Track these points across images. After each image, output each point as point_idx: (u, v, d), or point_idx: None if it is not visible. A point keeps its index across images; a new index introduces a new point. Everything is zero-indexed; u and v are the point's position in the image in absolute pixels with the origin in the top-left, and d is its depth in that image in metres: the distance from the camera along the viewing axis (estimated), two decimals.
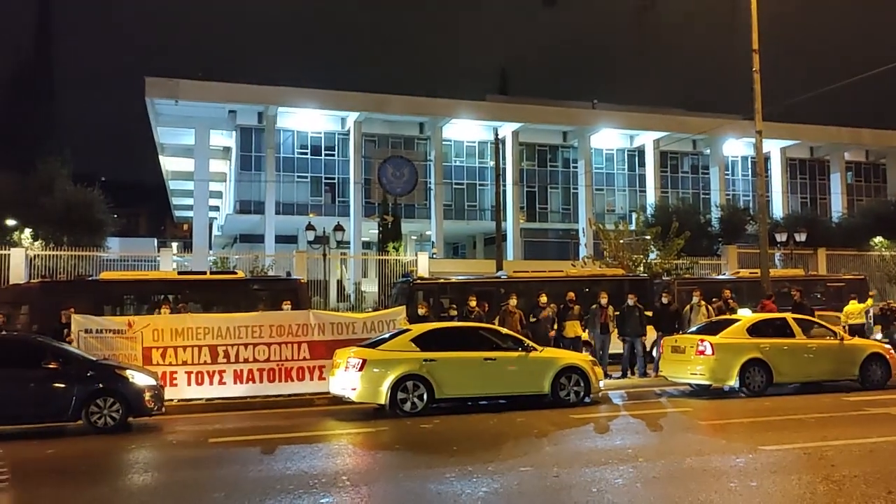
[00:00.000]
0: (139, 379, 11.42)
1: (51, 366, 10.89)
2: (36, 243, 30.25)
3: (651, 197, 51.68)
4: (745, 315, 15.90)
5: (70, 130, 53.94)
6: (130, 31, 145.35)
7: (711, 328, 14.60)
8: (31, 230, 32.26)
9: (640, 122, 52.23)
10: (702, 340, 13.80)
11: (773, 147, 53.52)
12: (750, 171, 55.42)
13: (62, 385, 10.86)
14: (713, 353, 13.56)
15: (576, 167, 53.68)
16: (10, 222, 33.46)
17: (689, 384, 14.56)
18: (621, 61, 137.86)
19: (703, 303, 16.85)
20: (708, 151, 55.47)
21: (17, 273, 22.41)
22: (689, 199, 51.57)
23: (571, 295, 16.55)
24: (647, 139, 53.91)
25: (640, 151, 55.04)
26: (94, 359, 11.87)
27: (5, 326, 14.44)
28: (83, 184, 38.28)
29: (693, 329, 15.36)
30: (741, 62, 21.82)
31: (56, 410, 10.88)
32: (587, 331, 16.62)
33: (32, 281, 20.24)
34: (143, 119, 46.80)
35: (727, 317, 15.83)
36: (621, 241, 28.27)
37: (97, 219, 36.32)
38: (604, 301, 16.59)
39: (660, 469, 7.94)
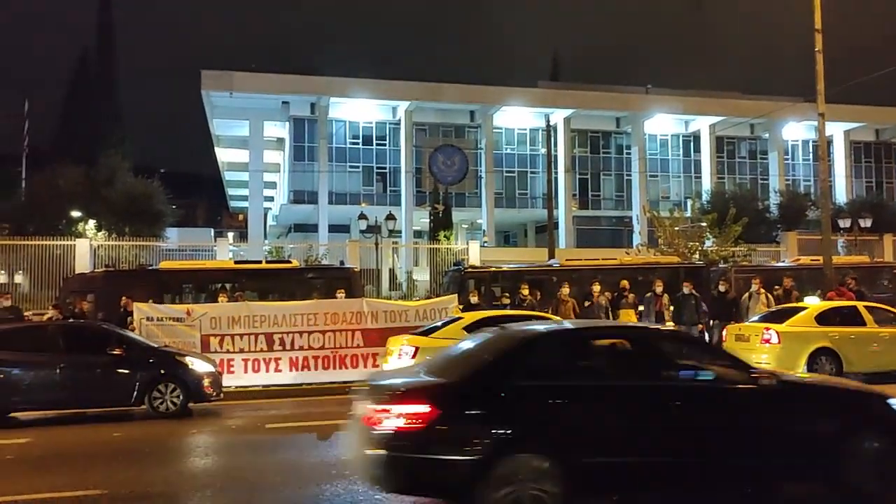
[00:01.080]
0: (198, 366, 11.71)
1: (115, 352, 11.25)
2: (99, 234, 31.24)
3: (707, 183, 50.64)
4: (813, 303, 15.45)
5: (130, 123, 55.43)
6: (186, 24, 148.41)
7: (777, 316, 14.20)
8: (94, 221, 33.34)
9: (695, 107, 51.08)
10: (767, 329, 13.46)
11: (836, 130, 51.82)
12: (811, 154, 53.81)
13: (126, 371, 11.21)
14: (779, 342, 13.19)
15: (629, 153, 52.89)
16: (76, 214, 34.63)
17: None
18: (675, 45, 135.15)
19: (762, 291, 16.45)
20: (766, 135, 54.01)
21: (83, 263, 23.15)
22: (746, 185, 50.27)
23: (625, 283, 16.35)
24: (702, 124, 52.77)
25: (696, 137, 53.92)
26: (156, 346, 12.22)
27: (76, 314, 14.92)
28: (143, 176, 39.37)
29: (757, 317, 14.97)
30: (802, 43, 21.16)
31: (121, 395, 11.24)
32: (643, 320, 16.39)
33: (97, 270, 20.86)
34: (199, 111, 47.83)
35: (794, 304, 15.40)
36: (676, 229, 27.77)
37: (157, 210, 37.32)
38: (659, 289, 16.33)
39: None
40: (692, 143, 54.25)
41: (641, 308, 16.40)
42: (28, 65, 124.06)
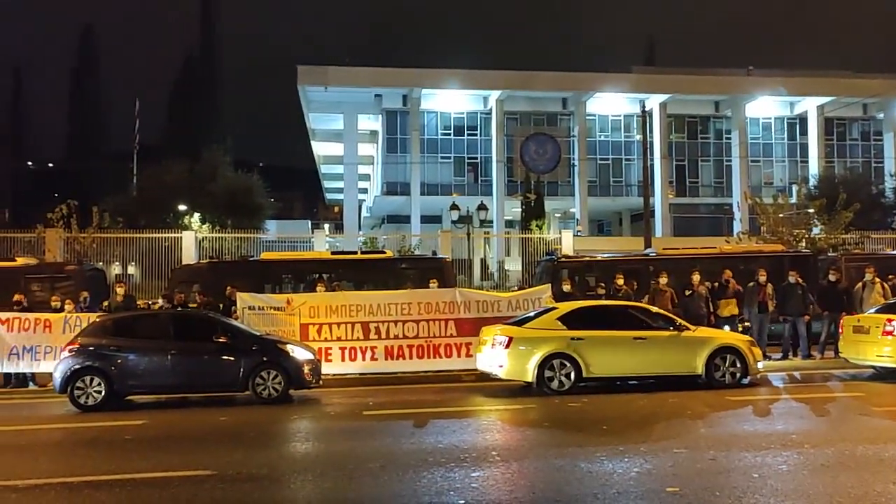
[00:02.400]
0: (298, 353, 12.06)
1: (221, 340, 11.73)
2: (204, 226, 32.62)
3: (814, 167, 48.27)
4: None
5: (231, 119, 57.62)
6: (283, 21, 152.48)
7: None
8: (199, 214, 34.85)
9: (801, 88, 48.68)
10: (889, 320, 12.71)
11: None
12: None
13: (231, 358, 11.66)
14: None
15: (729, 138, 51.01)
16: (182, 207, 36.32)
17: (874, 367, 13.39)
18: (779, 24, 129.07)
19: (877, 280, 15.53)
20: (881, 115, 50.93)
21: (188, 254, 24.25)
22: (857, 169, 47.72)
23: (728, 273, 15.76)
24: (809, 105, 50.28)
25: (802, 119, 51.44)
26: (258, 334, 12.64)
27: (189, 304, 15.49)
28: (243, 170, 40.92)
29: (876, 308, 14.14)
30: None
31: (226, 381, 11.72)
32: (745, 310, 15.78)
33: (202, 261, 21.78)
34: (296, 106, 49.16)
35: None
36: (780, 216, 26.64)
37: (256, 203, 38.76)
38: (762, 278, 15.66)
39: (829, 457, 7.43)
40: (797, 126, 51.80)
41: (745, 296, 15.76)
42: (137, 66, 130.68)
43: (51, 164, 64.98)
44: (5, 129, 52.44)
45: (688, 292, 15.31)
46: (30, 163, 58.98)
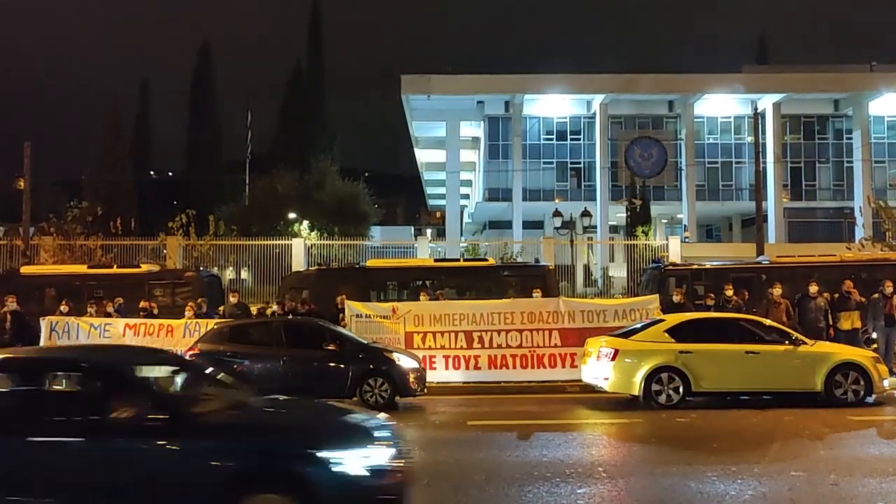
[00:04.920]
0: (404, 361, 12.28)
1: (330, 347, 12.11)
2: (312, 234, 33.72)
3: None
4: None
5: (337, 128, 59.28)
6: (387, 31, 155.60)
7: None
8: (307, 222, 36.07)
9: None
10: None
11: None
12: None
13: (340, 365, 12.02)
14: None
15: (850, 138, 48.23)
16: (291, 215, 37.67)
17: None
18: None
19: None
20: None
21: (298, 261, 25.10)
22: None
23: (849, 283, 14.94)
24: None
25: None
26: (366, 342, 12.95)
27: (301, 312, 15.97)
28: (349, 178, 41.98)
29: None
30: None
31: (335, 388, 12.03)
32: (868, 324, 14.91)
33: (310, 268, 22.49)
34: (399, 114, 50.05)
35: None
36: None
37: (362, 210, 39.71)
38: (889, 290, 14.74)
39: None
40: None
41: (869, 308, 14.89)
42: (250, 79, 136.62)
43: (171, 174, 68.70)
44: (132, 142, 55.80)
45: (804, 302, 14.62)
46: (151, 172, 62.57)
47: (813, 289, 14.74)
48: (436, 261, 23.18)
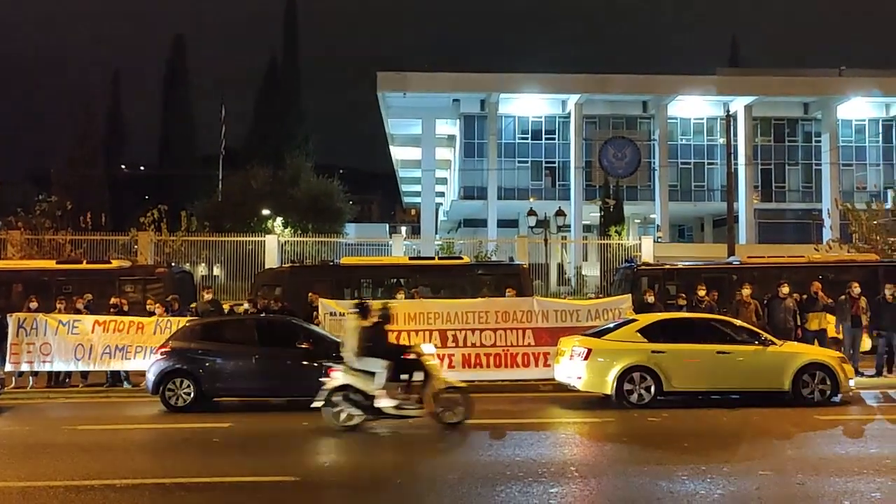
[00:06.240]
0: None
1: (304, 345, 12.04)
2: (286, 230, 33.51)
3: None
4: None
5: (312, 125, 58.88)
6: (363, 28, 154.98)
7: None
8: (281, 218, 35.82)
9: None
10: None
11: None
12: None
13: (314, 364, 11.93)
14: None
15: (819, 141, 49.04)
16: (265, 211, 37.38)
17: None
18: (873, 21, 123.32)
19: None
20: None
21: (271, 257, 24.96)
22: None
23: (817, 285, 15.20)
24: None
25: None
26: (339, 340, 12.86)
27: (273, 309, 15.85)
28: (324, 175, 41.76)
29: None
30: None
31: (308, 386, 11.89)
32: (837, 325, 15.17)
33: (284, 265, 22.39)
34: (375, 111, 49.87)
35: None
36: (874, 223, 25.47)
37: (337, 207, 39.53)
38: (855, 291, 15.03)
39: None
40: (894, 128, 49.34)
41: (836, 309, 15.15)
42: (224, 73, 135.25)
43: (142, 168, 67.84)
44: (104, 135, 54.95)
45: (774, 303, 14.84)
46: (123, 166, 61.72)
47: (784, 290, 14.96)
48: (411, 259, 23.19)
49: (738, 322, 12.99)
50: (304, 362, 11.93)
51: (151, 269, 19.94)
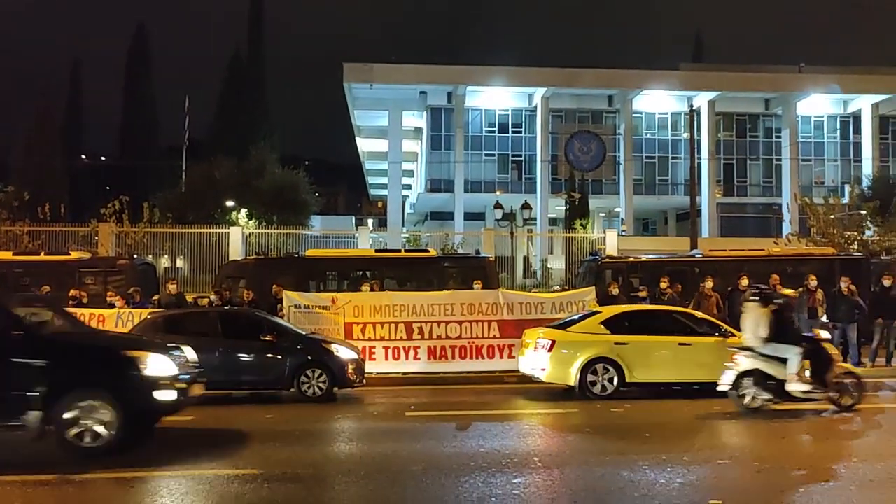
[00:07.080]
0: (343, 352, 12.23)
1: (268, 338, 11.96)
2: (250, 222, 33.14)
3: (867, 167, 46.97)
4: None
5: (277, 116, 58.32)
6: (330, 17, 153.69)
7: None
8: (246, 210, 35.41)
9: (856, 85, 47.28)
10: None
11: None
12: None
13: (277, 356, 11.89)
14: None
15: (779, 137, 49.94)
16: (229, 203, 36.92)
17: None
18: (832, 20, 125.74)
19: None
20: None
21: (235, 249, 24.67)
22: None
23: (775, 277, 15.49)
24: (864, 103, 48.91)
25: (856, 117, 50.07)
26: (304, 333, 12.83)
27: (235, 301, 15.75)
28: (290, 166, 41.34)
29: None
30: None
31: (272, 379, 11.95)
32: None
33: (248, 258, 22.17)
34: (341, 102, 49.55)
35: None
36: (832, 217, 26.01)
37: (302, 199, 39.15)
38: (812, 283, 15.37)
39: (879, 472, 7.29)
40: (851, 125, 50.44)
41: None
42: (187, 63, 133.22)
43: (103, 158, 66.57)
44: (63, 125, 53.74)
45: (734, 296, 15.10)
46: (83, 156, 60.46)
47: (744, 282, 15.23)
48: (377, 252, 23.12)
49: (700, 314, 13.20)
50: (268, 355, 11.86)
51: (113, 261, 19.57)
